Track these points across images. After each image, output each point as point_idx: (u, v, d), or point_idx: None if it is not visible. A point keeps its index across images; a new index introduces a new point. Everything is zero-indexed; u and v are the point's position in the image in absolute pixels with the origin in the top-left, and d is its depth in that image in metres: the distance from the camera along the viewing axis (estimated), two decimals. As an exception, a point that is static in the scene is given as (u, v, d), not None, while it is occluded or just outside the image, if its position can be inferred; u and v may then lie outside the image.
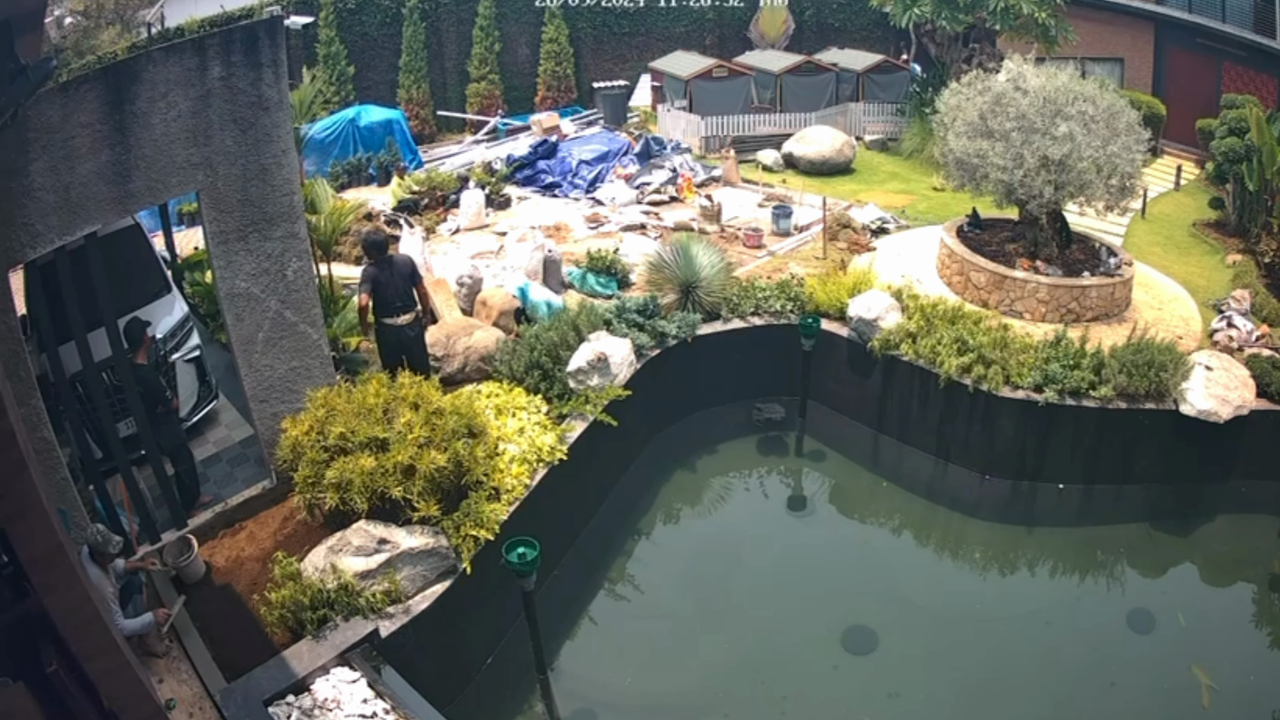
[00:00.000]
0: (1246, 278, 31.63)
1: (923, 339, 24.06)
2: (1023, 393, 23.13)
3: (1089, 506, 24.19)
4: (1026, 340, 24.26)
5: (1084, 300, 26.15)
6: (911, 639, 19.62)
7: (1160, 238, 35.69)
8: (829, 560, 22.00)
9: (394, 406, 17.14)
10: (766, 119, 42.27)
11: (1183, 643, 20.84)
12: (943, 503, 24.17)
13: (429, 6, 45.66)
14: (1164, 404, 23.55)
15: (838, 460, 25.43)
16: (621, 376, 21.70)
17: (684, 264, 25.31)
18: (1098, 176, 25.62)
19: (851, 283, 26.02)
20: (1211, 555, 24.00)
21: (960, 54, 43.38)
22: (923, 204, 35.80)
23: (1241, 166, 35.53)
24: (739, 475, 24.62)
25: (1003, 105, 26.24)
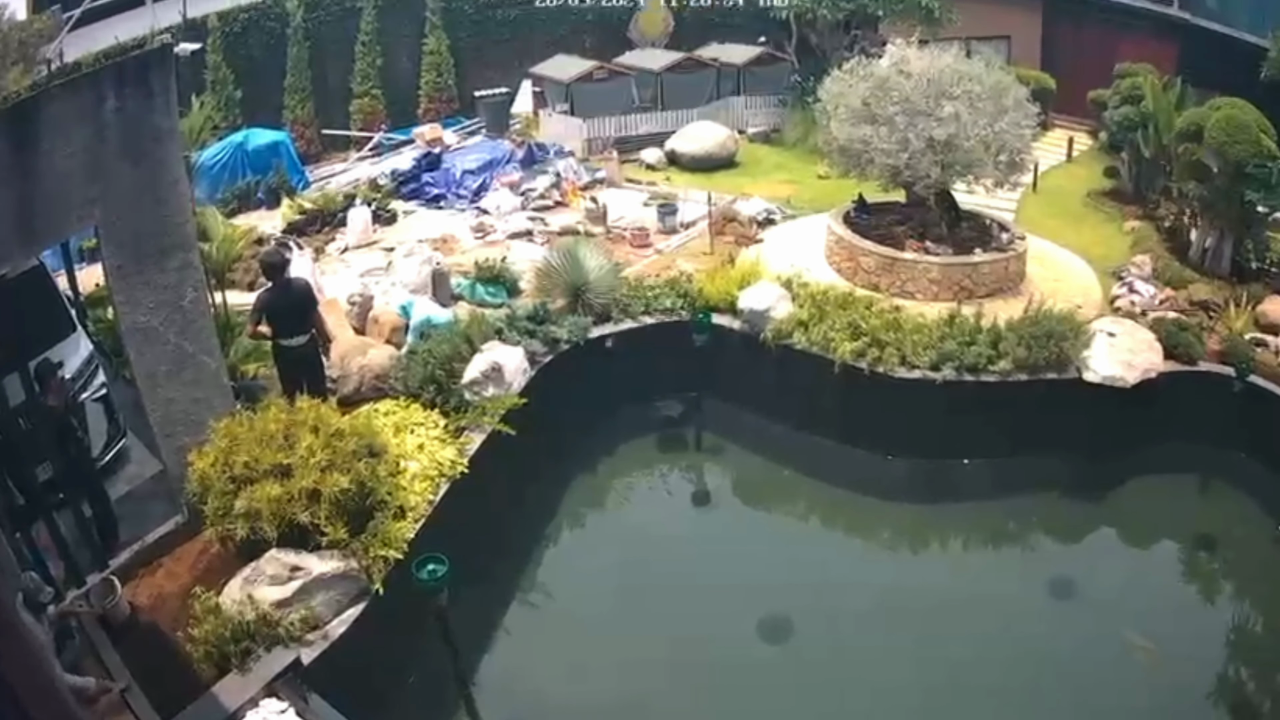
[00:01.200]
0: (1147, 243, 32.31)
1: (815, 326, 24.32)
2: (919, 372, 23.45)
3: (997, 480, 24.55)
4: (920, 320, 24.55)
5: (977, 277, 26.53)
6: (828, 625, 19.81)
7: (1054, 210, 36.23)
8: (738, 553, 22.04)
9: (294, 431, 17.02)
10: (649, 118, 42.51)
11: (1111, 608, 21.16)
12: (847, 487, 24.42)
13: (312, 26, 45.24)
14: (1066, 373, 24.02)
15: (738, 453, 25.68)
16: (517, 385, 21.77)
17: (572, 268, 25.37)
18: (986, 154, 26.11)
19: (740, 276, 26.25)
20: (1130, 519, 24.44)
21: (842, 42, 43.81)
22: (808, 193, 36.11)
23: (1137, 134, 36.32)
24: (641, 475, 24.78)
25: (886, 90, 26.59)
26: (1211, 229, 31.67)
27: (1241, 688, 20.22)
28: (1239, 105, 30.81)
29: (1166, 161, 35.71)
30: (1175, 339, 25.44)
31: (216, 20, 42.07)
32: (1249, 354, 25.91)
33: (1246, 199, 30.93)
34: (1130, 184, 37.95)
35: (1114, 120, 38.13)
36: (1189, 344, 25.54)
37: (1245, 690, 20.22)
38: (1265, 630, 22.09)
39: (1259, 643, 21.90)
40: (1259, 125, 30.15)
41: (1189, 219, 33.69)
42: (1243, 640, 21.72)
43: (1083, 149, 44.20)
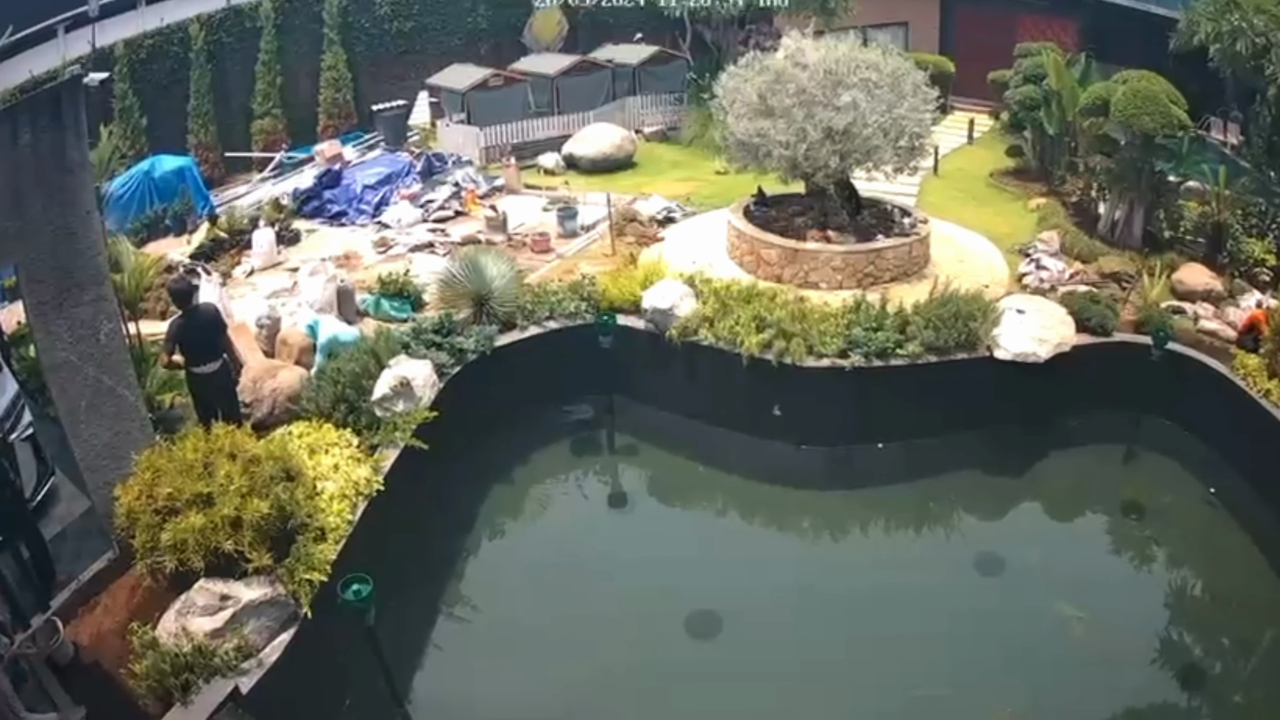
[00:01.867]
0: (1053, 219, 32.71)
1: (720, 321, 24.36)
2: (828, 360, 23.56)
3: (914, 462, 24.82)
4: (826, 309, 24.69)
5: (881, 263, 26.72)
6: (756, 618, 19.84)
7: (957, 192, 36.55)
8: (660, 552, 22.07)
9: (213, 459, 16.90)
10: (545, 123, 42.45)
11: (1041, 580, 21.49)
12: (762, 479, 24.51)
13: (214, 48, 44.70)
14: (977, 352, 24.30)
15: (653, 452, 25.67)
16: (426, 398, 21.71)
17: (474, 278, 25.27)
18: (885, 140, 26.31)
19: (643, 275, 26.32)
20: (1055, 491, 24.82)
21: (737, 37, 44.18)
22: (707, 189, 36.24)
23: (1040, 112, 36.74)
24: (557, 481, 24.74)
25: (782, 82, 26.70)
26: (1121, 201, 32.01)
27: (1180, 650, 20.45)
28: (1147, 77, 31.14)
29: (1071, 138, 36.28)
30: (1088, 312, 25.76)
31: (123, 48, 41.59)
32: (1166, 322, 26.22)
33: (1157, 169, 31.39)
34: (1034, 162, 38.48)
35: (1015, 100, 38.58)
36: (1102, 316, 25.86)
37: (1184, 653, 20.45)
38: (1203, 591, 22.55)
39: (1196, 605, 22.31)
40: (1168, 96, 30.51)
41: (1096, 193, 34.12)
42: (1180, 603, 22.07)
43: (984, 130, 44.70)
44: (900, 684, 18.48)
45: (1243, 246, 31.47)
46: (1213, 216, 32.03)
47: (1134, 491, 25.08)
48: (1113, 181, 32.20)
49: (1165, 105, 30.14)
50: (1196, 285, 29.11)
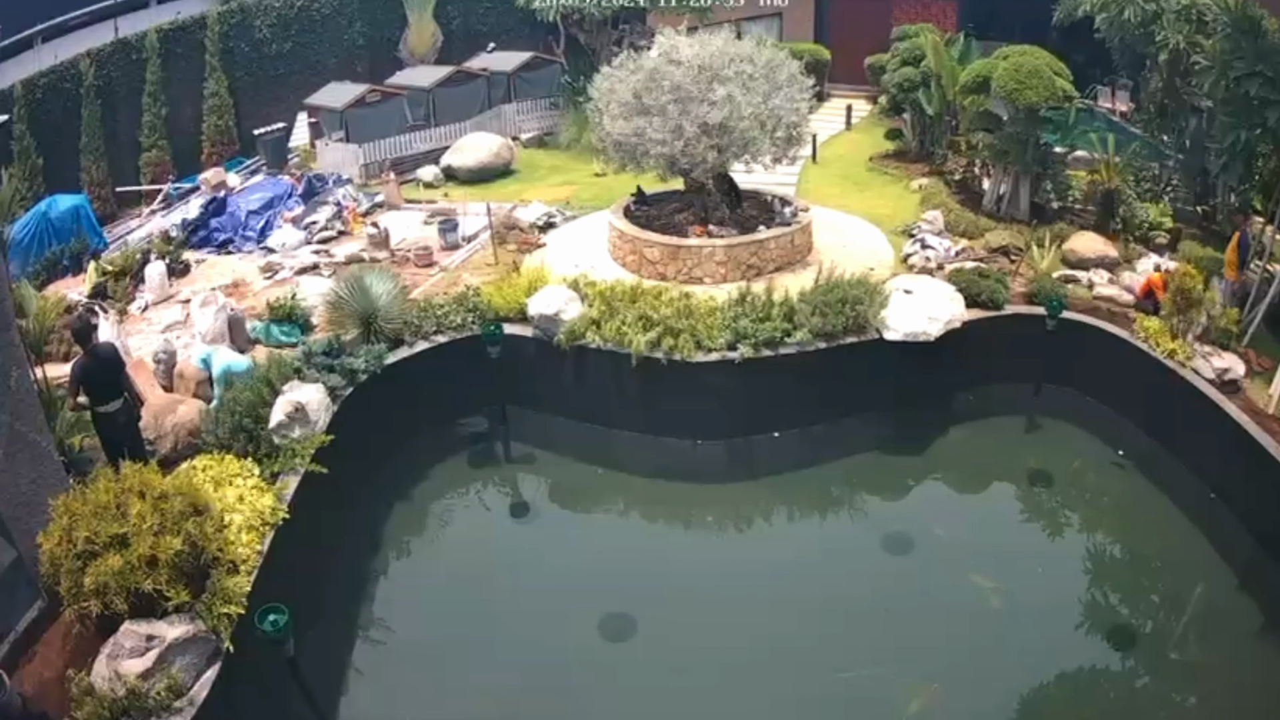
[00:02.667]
0: (936, 198, 33.15)
1: (607, 323, 24.49)
2: (717, 354, 23.82)
3: (812, 448, 25.15)
4: (711, 304, 24.91)
5: (764, 254, 27.05)
6: (669, 615, 20.00)
7: (837, 178, 36.99)
8: (567, 556, 22.23)
9: (125, 499, 16.79)
10: (423, 135, 42.40)
11: (954, 554, 21.79)
12: (662, 476, 24.70)
13: (104, 83, 44.34)
14: (867, 335, 24.62)
15: (550, 458, 25.72)
16: (321, 422, 21.69)
17: (360, 297, 25.23)
18: (762, 132, 26.58)
19: (527, 283, 26.38)
20: (957, 466, 25.24)
21: (610, 37, 44.34)
22: (587, 192, 36.38)
23: (919, 94, 37.07)
24: (458, 495, 24.69)
25: (657, 80, 26.87)
26: (1005, 176, 32.46)
27: (1105, 613, 20.88)
28: (1029, 52, 31.60)
29: (952, 117, 36.85)
30: (977, 287, 26.20)
31: (21, 89, 41.25)
32: (1058, 291, 26.76)
33: (1043, 142, 31.86)
34: (914, 143, 39.01)
35: (894, 83, 38.92)
36: (992, 290, 26.30)
37: (1110, 615, 20.86)
38: (1123, 553, 23.09)
39: (1117, 567, 22.81)
40: (1051, 68, 30.99)
41: (980, 169, 34.67)
42: (1100, 567, 22.55)
43: (862, 115, 45.32)
44: (822, 668, 18.80)
45: (1136, 211, 32.02)
46: (1103, 184, 32.35)
47: (1040, 460, 25.59)
48: (996, 157, 32.59)
49: (1049, 78, 30.60)
50: (1089, 253, 29.64)
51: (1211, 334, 25.67)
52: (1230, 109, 27.46)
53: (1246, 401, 24.08)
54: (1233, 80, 26.28)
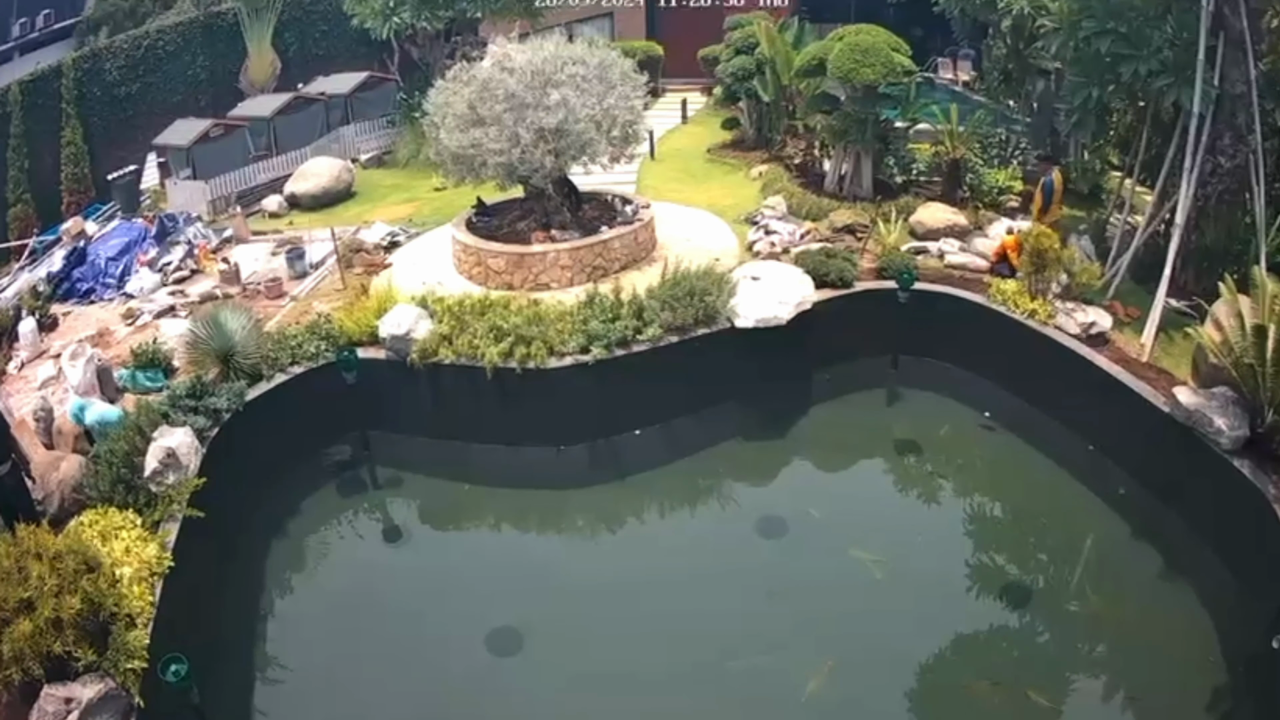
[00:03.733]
0: (777, 184, 33.41)
1: (458, 338, 24.48)
2: (570, 359, 23.91)
3: (675, 442, 25.32)
4: (561, 308, 25.01)
5: (608, 254, 27.21)
6: (554, 624, 20.08)
7: (677, 172, 37.24)
8: (444, 577, 22.24)
9: (24, 563, 16.67)
10: (266, 165, 42.06)
11: (829, 532, 22.14)
12: (529, 485, 24.73)
13: (-31, 141, 44.22)
14: (718, 325, 24.83)
15: (416, 480, 25.62)
16: (193, 466, 21.41)
17: (216, 335, 24.98)
18: (598, 133, 26.70)
19: (376, 305, 26.25)
20: (822, 445, 25.61)
21: (443, 50, 44.26)
22: (428, 208, 36.35)
23: (754, 82, 37.23)
24: (331, 526, 24.48)
25: (491, 90, 26.87)
26: (846, 155, 32.74)
27: (994, 573, 21.32)
28: (865, 30, 31.96)
29: (788, 102, 37.10)
30: (824, 268, 26.51)
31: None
32: (908, 264, 27.11)
33: (883, 118, 32.13)
34: (752, 131, 39.26)
35: (728, 73, 39.01)
36: (840, 269, 26.62)
37: (999, 575, 21.31)
38: (1004, 512, 23.78)
39: (1000, 526, 23.51)
40: (889, 45, 31.36)
41: (820, 151, 34.99)
42: (982, 527, 23.19)
43: (698, 108, 45.69)
44: (715, 658, 18.94)
45: (984, 178, 32.52)
46: (947, 154, 32.77)
47: (905, 431, 26.10)
48: (836, 137, 32.85)
49: (886, 55, 30.99)
50: (937, 223, 30.04)
51: (1074, 290, 26.10)
52: (1080, 68, 27.77)
53: (1117, 352, 24.69)
54: (1082, 40, 26.64)
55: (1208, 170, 26.67)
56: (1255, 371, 20.78)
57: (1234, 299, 22.04)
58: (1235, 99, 25.93)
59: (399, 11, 42.11)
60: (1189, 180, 25.93)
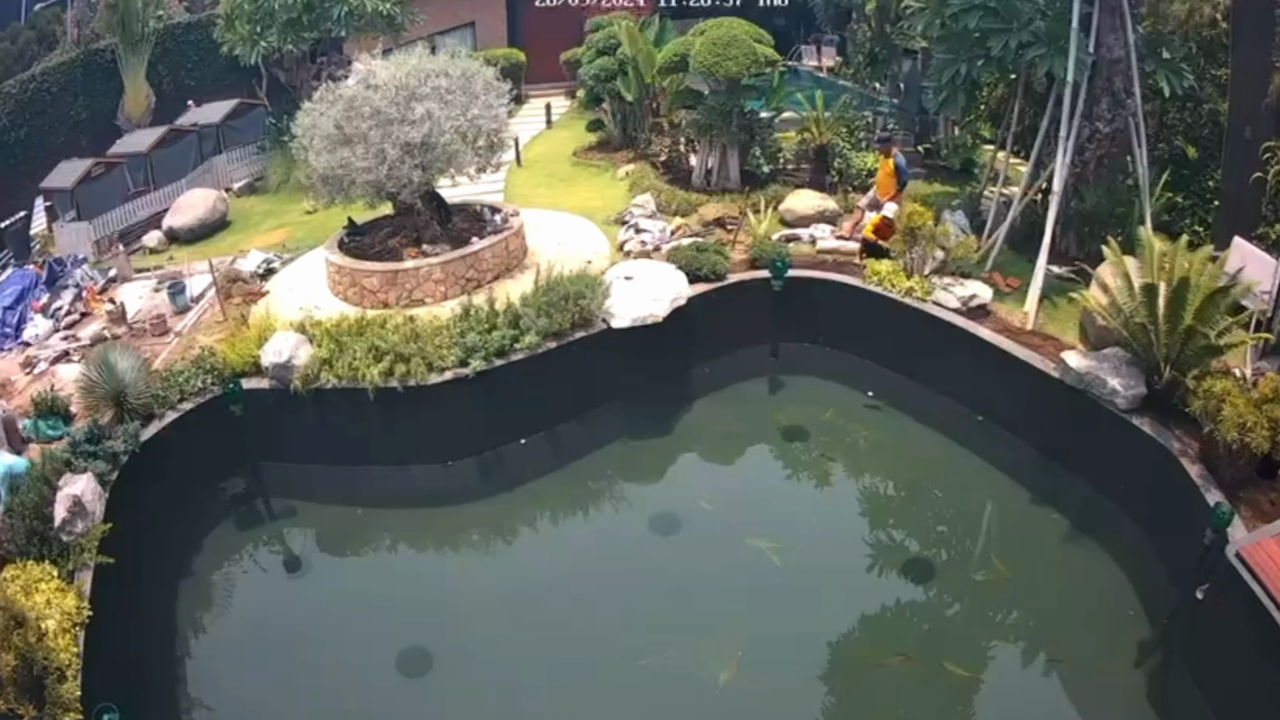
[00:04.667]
0: (645, 182, 33.20)
1: (338, 361, 24.07)
2: (450, 373, 23.61)
3: (561, 447, 25.12)
4: (437, 323, 24.66)
5: (480, 265, 26.89)
6: (461, 640, 19.87)
7: (544, 177, 37.04)
8: (347, 603, 21.67)
9: None
10: (145, 201, 40.98)
11: (723, 524, 22.02)
12: (419, 504, 24.46)
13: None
14: (595, 327, 24.73)
15: (310, 508, 25.11)
16: (98, 512, 20.92)
17: (107, 377, 24.34)
18: (464, 144, 26.36)
19: (257, 334, 25.75)
20: (708, 438, 25.53)
21: (310, 72, 43.71)
22: (301, 231, 35.66)
23: (617, 82, 36.87)
24: (233, 561, 23.95)
25: (357, 108, 26.46)
26: (712, 149, 32.58)
27: (895, 550, 21.40)
28: (726, 23, 31.81)
29: (652, 99, 36.93)
30: (697, 262, 26.40)
31: None
32: (779, 252, 27.04)
33: (747, 109, 32.06)
34: (617, 132, 38.93)
35: (590, 75, 38.62)
36: (713, 263, 26.52)
37: (901, 550, 21.38)
38: (898, 488, 23.85)
39: (895, 501, 23.59)
40: (752, 36, 31.26)
41: (685, 147, 34.83)
42: (876, 504, 23.31)
43: (562, 112, 45.43)
44: (623, 660, 18.80)
45: (852, 162, 32.56)
46: (814, 141, 32.79)
47: (790, 417, 25.94)
48: (701, 132, 32.70)
49: (749, 46, 30.89)
50: (807, 210, 30.03)
51: (951, 265, 26.18)
52: (948, 45, 27.87)
53: (1000, 323, 24.85)
54: (950, 17, 26.75)
55: (1085, 136, 26.83)
56: (1148, 330, 20.90)
57: (1119, 261, 22.06)
58: (1112, 64, 26.10)
59: (265, 36, 41.58)
60: (1065, 148, 25.94)
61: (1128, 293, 21.58)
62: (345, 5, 40.65)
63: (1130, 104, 26.64)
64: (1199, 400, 19.84)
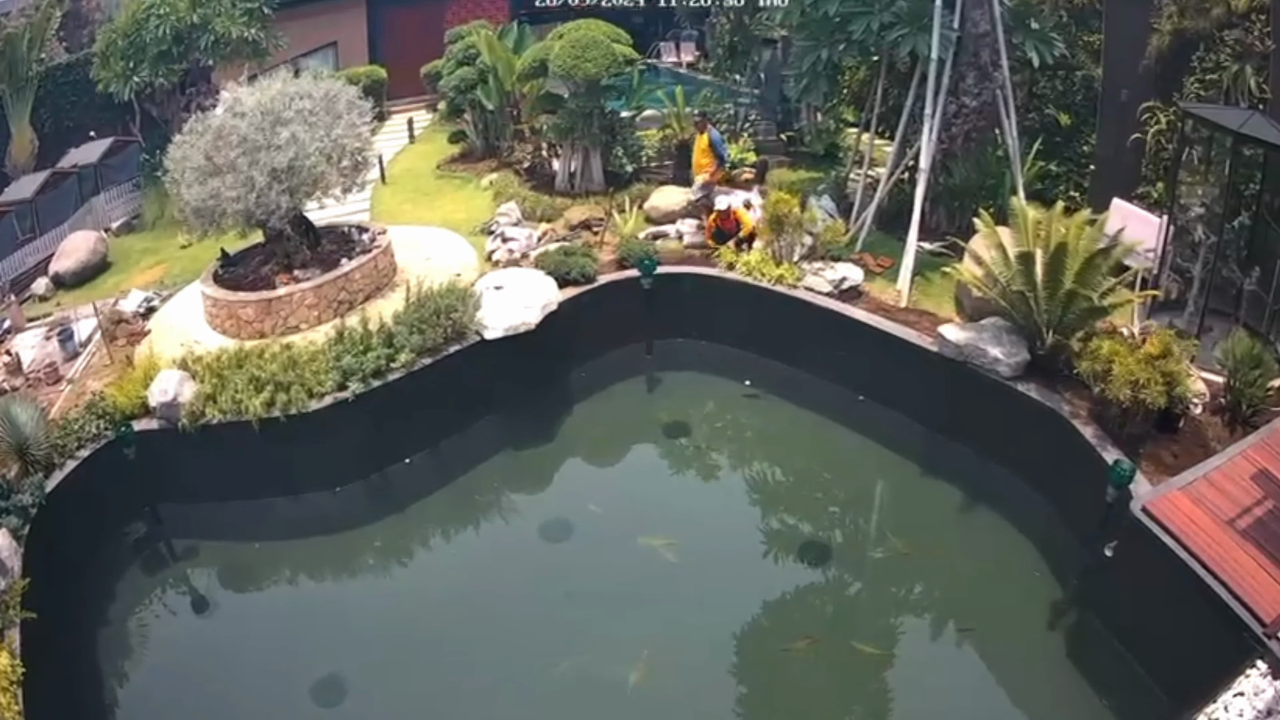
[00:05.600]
0: (509, 191, 33.01)
1: (221, 395, 23.69)
2: (330, 398, 23.36)
3: (447, 464, 24.89)
4: (313, 348, 24.43)
5: (351, 287, 26.60)
6: (373, 668, 19.57)
7: (409, 193, 36.77)
8: (258, 638, 21.55)
9: None
10: (32, 248, 40.29)
11: (615, 525, 22.10)
12: (313, 533, 24.16)
13: None
14: (469, 340, 24.55)
15: (211, 546, 24.69)
16: (16, 568, 20.52)
17: (10, 430, 23.94)
18: (329, 165, 25.99)
19: (142, 374, 25.22)
20: (591, 440, 25.57)
21: (180, 104, 43.16)
22: (178, 266, 34.97)
23: (477, 91, 36.59)
24: (145, 606, 23.45)
25: (224, 137, 26.02)
26: (574, 152, 32.47)
27: (789, 536, 21.62)
28: (584, 25, 31.74)
29: (513, 107, 36.84)
30: (565, 266, 26.35)
31: None
32: (646, 250, 27.10)
33: (608, 110, 31.94)
34: (479, 142, 38.61)
35: (451, 86, 38.43)
36: (581, 266, 26.49)
37: (794, 536, 21.62)
38: (785, 474, 24.11)
39: (784, 487, 23.88)
40: (610, 36, 31.07)
41: (548, 151, 34.59)
42: (766, 492, 23.50)
43: (424, 126, 45.04)
44: (534, 671, 18.71)
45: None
46: (676, 137, 32.85)
47: (671, 413, 26.00)
48: (562, 135, 32.58)
49: (607, 46, 30.75)
50: (672, 207, 30.03)
51: (820, 250, 26.28)
52: (808, 32, 27.91)
53: (873, 302, 25.06)
54: (809, 4, 26.92)
55: (951, 112, 26.99)
56: (1027, 298, 21.08)
57: (992, 232, 22.24)
58: (979, 38, 26.28)
59: (138, 70, 41.13)
60: (931, 125, 26.04)
61: (1003, 263, 21.71)
62: (212, 33, 40.20)
63: (998, 76, 26.80)
64: (1086, 362, 19.99)
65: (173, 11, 40.36)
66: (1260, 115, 22.25)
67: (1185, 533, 17.12)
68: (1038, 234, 21.79)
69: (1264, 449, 19.32)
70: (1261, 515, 17.59)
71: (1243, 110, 23.56)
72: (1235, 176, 22.66)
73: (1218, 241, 22.54)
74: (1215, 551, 16.75)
